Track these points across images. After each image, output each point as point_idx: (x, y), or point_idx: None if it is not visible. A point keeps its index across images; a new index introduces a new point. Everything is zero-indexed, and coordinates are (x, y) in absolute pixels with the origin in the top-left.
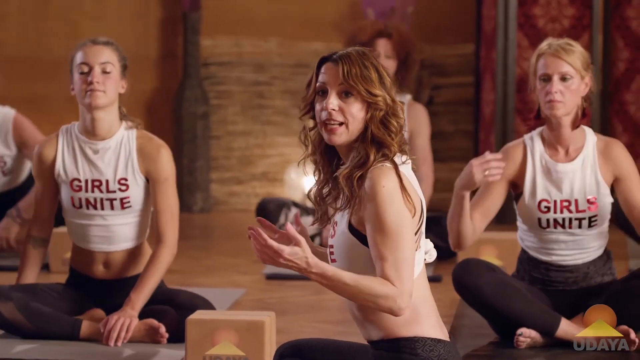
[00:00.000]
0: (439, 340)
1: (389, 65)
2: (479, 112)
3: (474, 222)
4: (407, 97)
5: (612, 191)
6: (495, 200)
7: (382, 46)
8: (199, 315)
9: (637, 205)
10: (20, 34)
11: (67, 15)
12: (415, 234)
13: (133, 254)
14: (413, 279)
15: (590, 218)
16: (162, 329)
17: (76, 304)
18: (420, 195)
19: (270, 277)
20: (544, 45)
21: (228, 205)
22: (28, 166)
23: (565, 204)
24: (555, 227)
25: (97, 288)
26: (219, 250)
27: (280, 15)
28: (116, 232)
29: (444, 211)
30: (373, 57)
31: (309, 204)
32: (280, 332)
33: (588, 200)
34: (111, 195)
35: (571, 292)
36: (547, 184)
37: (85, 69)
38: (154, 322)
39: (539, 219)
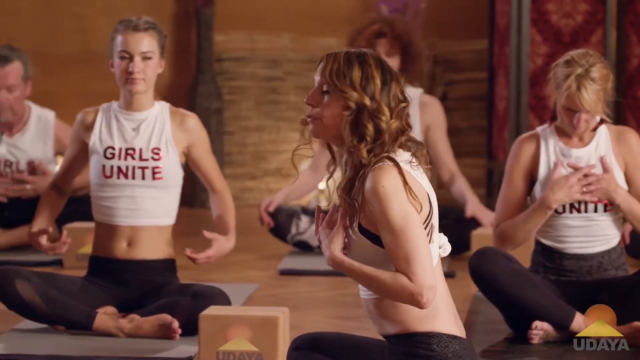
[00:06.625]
0: (455, 337)
1: (392, 63)
2: (493, 108)
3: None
4: (419, 91)
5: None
6: (523, 197)
7: (381, 46)
8: (212, 311)
9: None
10: (31, 30)
11: (79, 10)
12: (426, 227)
13: (157, 235)
14: (431, 271)
15: (605, 202)
16: (175, 324)
17: (93, 298)
18: (427, 189)
19: (284, 272)
20: (571, 81)
21: (241, 201)
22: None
23: None
24: (571, 212)
25: (119, 271)
26: None
27: (294, 11)
28: (143, 205)
29: (452, 206)
30: (369, 57)
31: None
32: (294, 328)
33: None
34: (144, 164)
35: (585, 284)
36: (562, 169)
37: (126, 56)
38: (167, 317)
39: None
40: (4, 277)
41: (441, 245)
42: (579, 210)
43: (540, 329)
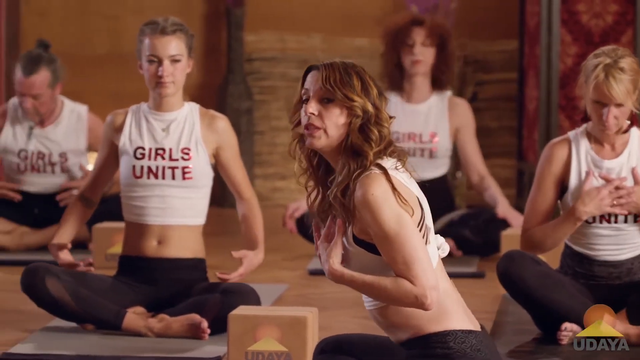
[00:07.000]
0: (470, 331)
1: (427, 55)
2: (523, 109)
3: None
4: (448, 93)
5: None
6: (552, 203)
7: (417, 34)
8: (241, 311)
9: None
10: (62, 30)
11: (109, 10)
12: (420, 230)
13: (187, 235)
14: (432, 272)
15: (636, 213)
16: (204, 324)
17: (122, 297)
18: (416, 192)
19: (313, 272)
20: (599, 70)
21: (271, 201)
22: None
23: None
24: (601, 222)
25: (148, 270)
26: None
27: (324, 11)
28: (173, 205)
29: (482, 207)
30: (361, 68)
31: None
32: (323, 328)
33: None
34: (174, 164)
35: (614, 287)
36: (593, 180)
37: (155, 60)
38: (196, 317)
39: None
40: (34, 275)
41: (439, 245)
42: (609, 221)
43: (570, 330)
